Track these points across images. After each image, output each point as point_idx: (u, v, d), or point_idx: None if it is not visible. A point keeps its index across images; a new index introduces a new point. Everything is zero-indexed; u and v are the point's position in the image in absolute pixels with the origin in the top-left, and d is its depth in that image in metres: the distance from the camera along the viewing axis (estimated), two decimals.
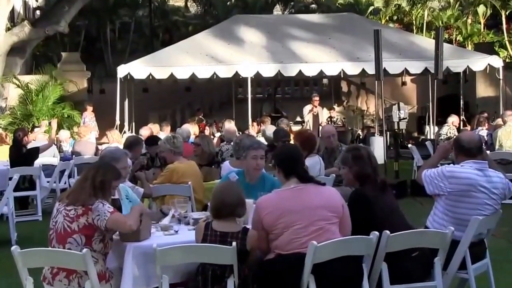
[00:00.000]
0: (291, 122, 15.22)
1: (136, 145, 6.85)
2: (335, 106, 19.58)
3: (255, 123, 14.44)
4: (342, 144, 6.95)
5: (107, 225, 3.68)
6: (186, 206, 4.61)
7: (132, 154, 6.64)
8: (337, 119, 17.84)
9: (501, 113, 13.06)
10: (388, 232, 3.61)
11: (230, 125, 10.63)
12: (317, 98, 15.49)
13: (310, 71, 15.32)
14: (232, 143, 7.07)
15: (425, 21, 25.76)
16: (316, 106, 15.30)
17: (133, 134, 13.14)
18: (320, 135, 8.65)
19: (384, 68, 13.18)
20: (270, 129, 9.50)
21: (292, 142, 7.76)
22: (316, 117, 15.22)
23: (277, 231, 3.66)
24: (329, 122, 17.82)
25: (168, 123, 12.87)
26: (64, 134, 12.53)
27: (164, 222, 4.25)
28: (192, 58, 15.36)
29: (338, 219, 3.71)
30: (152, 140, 7.74)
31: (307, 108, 15.47)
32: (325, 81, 21.98)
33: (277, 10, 29.12)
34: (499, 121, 11.20)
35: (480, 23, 25.24)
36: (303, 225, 3.63)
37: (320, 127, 14.14)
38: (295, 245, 3.61)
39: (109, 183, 3.85)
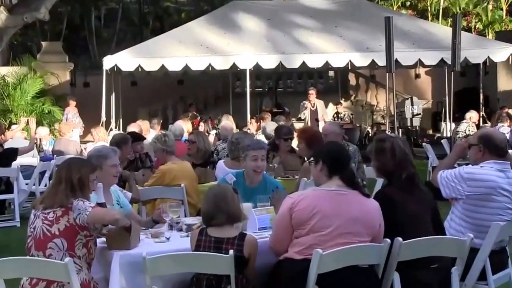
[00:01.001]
0: (293, 119, 15.24)
1: (124, 143, 6.84)
2: (342, 101, 19.57)
3: (253, 120, 14.44)
4: (349, 144, 6.96)
5: (89, 220, 3.71)
6: (179, 210, 4.62)
7: (120, 154, 6.64)
8: (344, 115, 17.82)
9: None
10: (400, 239, 3.61)
11: (226, 121, 10.63)
12: (313, 92, 15.39)
13: (314, 62, 15.31)
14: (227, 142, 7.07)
15: (441, 7, 25.74)
16: (311, 101, 15.23)
17: (120, 131, 13.13)
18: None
19: (396, 59, 13.19)
20: (271, 126, 9.50)
21: (296, 140, 7.77)
22: (313, 113, 15.18)
23: (303, 231, 3.63)
24: (335, 118, 17.84)
25: (159, 119, 12.86)
26: (44, 131, 12.51)
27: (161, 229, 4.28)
28: (185, 48, 15.36)
29: (370, 238, 3.67)
30: (134, 136, 7.70)
31: (304, 103, 15.44)
32: (331, 73, 21.95)
33: None
34: None
35: (502, 9, 25.22)
36: (332, 234, 3.59)
37: (319, 124, 14.19)
38: (311, 252, 3.55)
39: (87, 178, 3.90)
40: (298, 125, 14.66)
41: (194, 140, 7.42)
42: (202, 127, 14.19)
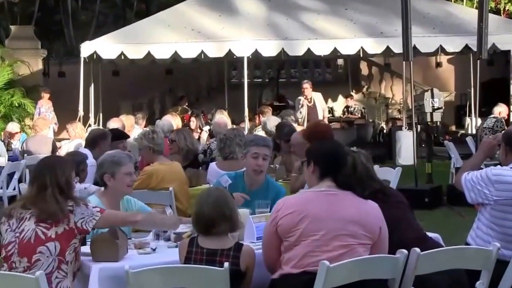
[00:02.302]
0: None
1: (102, 140, 6.84)
2: (353, 93, 19.58)
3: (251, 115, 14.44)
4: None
5: (98, 226, 3.93)
6: None
7: (98, 152, 6.64)
8: (355, 109, 17.85)
9: None
10: (417, 249, 3.62)
11: (220, 116, 10.62)
12: (307, 85, 15.09)
13: (321, 49, 15.31)
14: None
15: None
16: (307, 96, 14.98)
17: (100, 127, 13.11)
18: None
19: (414, 45, 13.15)
20: (272, 121, 9.45)
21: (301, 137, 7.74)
22: (312, 109, 15.09)
23: (292, 239, 3.68)
24: (345, 113, 17.86)
25: (145, 114, 12.85)
26: (13, 127, 12.50)
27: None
28: (174, 33, 15.35)
29: (372, 242, 3.73)
30: (116, 134, 7.69)
31: (299, 100, 15.25)
32: (340, 61, 21.95)
33: None
34: None
35: None
36: (326, 237, 3.64)
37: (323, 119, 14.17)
38: (310, 262, 3.61)
39: (71, 176, 4.04)
40: (298, 128, 14.64)
41: (174, 139, 7.42)
42: (193, 122, 14.18)
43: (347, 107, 17.96)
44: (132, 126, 10.74)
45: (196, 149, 7.65)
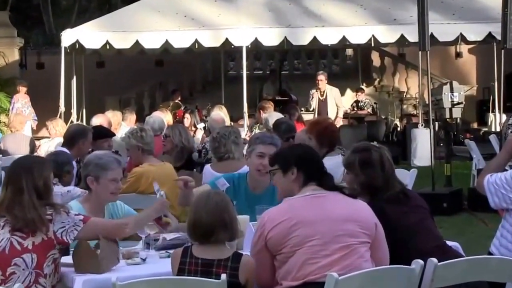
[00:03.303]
0: (302, 109, 15.23)
1: (82, 137, 6.83)
2: (364, 87, 19.57)
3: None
4: (342, 148, 7.03)
5: (81, 236, 3.87)
6: None
7: (76, 152, 6.65)
8: (365, 104, 17.82)
9: None
10: (434, 260, 3.63)
11: (217, 112, 10.63)
12: (322, 77, 15.28)
13: (328, 38, 15.31)
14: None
15: None
16: (320, 89, 15.12)
17: (83, 124, 13.12)
18: None
19: (431, 33, 13.15)
20: (275, 117, 9.46)
21: (305, 135, 7.75)
22: (323, 104, 15.13)
23: (286, 250, 3.69)
24: (355, 108, 17.85)
25: (133, 110, 12.85)
26: None
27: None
28: (165, 20, 15.35)
29: (370, 240, 3.78)
30: (100, 131, 7.70)
31: (311, 92, 15.37)
32: (349, 51, 21.94)
33: None
34: None
35: None
36: (322, 240, 3.67)
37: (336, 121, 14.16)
38: (310, 270, 3.62)
39: (50, 179, 4.01)
40: (309, 117, 14.67)
41: (168, 134, 7.42)
42: (187, 119, 14.18)
43: (356, 102, 17.92)
44: (119, 123, 10.75)
45: (191, 147, 7.66)
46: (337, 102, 15.37)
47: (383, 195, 4.13)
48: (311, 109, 15.32)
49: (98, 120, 9.46)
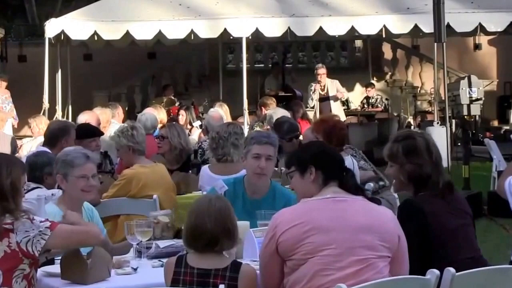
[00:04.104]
0: (307, 106, 15.23)
1: (64, 135, 6.82)
2: (374, 81, 19.57)
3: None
4: (354, 148, 7.02)
5: (51, 246, 3.71)
6: (150, 231, 4.61)
7: (59, 151, 6.62)
8: (376, 100, 17.83)
9: None
10: (452, 270, 3.63)
11: (215, 109, 10.63)
12: (323, 70, 15.27)
13: (335, 28, 15.30)
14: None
15: None
16: (320, 82, 15.12)
17: (70, 122, 13.11)
18: None
19: (448, 23, 13.18)
20: (279, 113, 9.47)
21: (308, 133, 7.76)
22: (324, 98, 15.11)
23: (297, 256, 3.66)
24: (365, 105, 17.86)
25: (123, 106, 12.85)
26: None
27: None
28: (158, 9, 15.34)
29: (391, 254, 3.73)
30: (86, 130, 7.70)
31: (311, 86, 15.34)
32: (358, 43, 21.94)
33: None
34: None
35: None
36: (338, 251, 3.64)
37: (332, 107, 14.16)
38: (322, 283, 3.60)
39: (20, 181, 3.87)
40: (310, 114, 14.66)
41: (165, 135, 7.42)
42: (182, 116, 14.17)
43: (367, 98, 17.94)
44: (108, 121, 10.74)
45: (189, 150, 7.65)
46: (339, 96, 15.38)
47: (429, 187, 4.07)
48: (311, 106, 15.29)
49: (85, 117, 9.46)
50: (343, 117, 14.77)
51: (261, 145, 5.12)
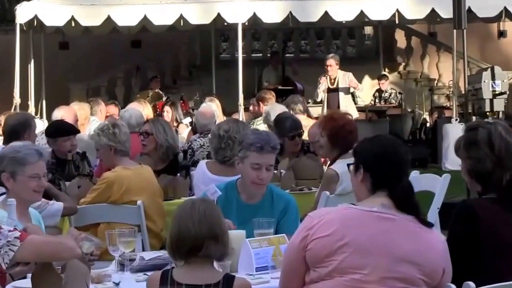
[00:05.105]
0: (309, 101, 15.24)
1: (25, 128, 6.81)
2: (386, 73, 19.59)
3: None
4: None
5: (20, 258, 3.64)
6: (134, 241, 4.63)
7: None
8: (390, 95, 17.84)
9: None
10: (472, 284, 3.62)
11: (207, 104, 10.64)
12: (332, 62, 15.18)
13: (342, 14, 15.32)
14: (209, 136, 7.06)
15: None
16: (330, 75, 15.04)
17: (44, 121, 13.09)
18: None
19: (469, 8, 13.19)
20: (277, 109, 9.46)
21: (310, 133, 7.77)
22: (334, 93, 15.12)
23: (323, 271, 3.61)
24: (376, 99, 17.87)
25: (104, 101, 12.85)
26: None
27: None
28: None
29: (429, 287, 3.66)
30: (60, 127, 7.69)
31: (319, 79, 15.33)
32: (368, 30, 21.96)
33: None
34: None
35: None
36: (369, 278, 3.57)
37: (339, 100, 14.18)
38: None
39: None
40: (317, 111, 14.67)
41: (149, 131, 7.42)
42: (167, 113, 14.16)
43: (378, 91, 17.93)
44: (87, 117, 10.75)
45: (177, 147, 7.65)
46: (352, 85, 15.32)
47: (491, 185, 4.02)
48: (318, 100, 15.31)
49: (60, 113, 9.45)
50: (355, 114, 14.72)
51: (262, 154, 5.03)
